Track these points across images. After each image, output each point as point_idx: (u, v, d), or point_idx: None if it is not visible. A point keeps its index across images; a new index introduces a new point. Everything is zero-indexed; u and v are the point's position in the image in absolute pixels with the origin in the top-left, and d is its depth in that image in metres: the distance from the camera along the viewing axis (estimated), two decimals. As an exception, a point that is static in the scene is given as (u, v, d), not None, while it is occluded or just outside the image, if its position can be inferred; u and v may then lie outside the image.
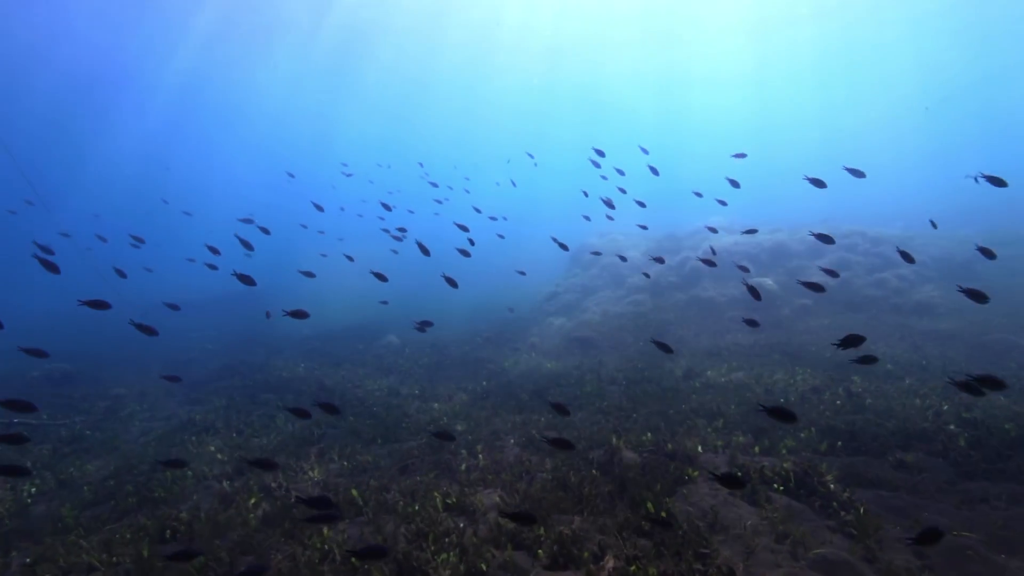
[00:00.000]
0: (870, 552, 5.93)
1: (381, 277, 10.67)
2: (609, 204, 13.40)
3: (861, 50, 59.14)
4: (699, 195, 14.88)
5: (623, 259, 16.00)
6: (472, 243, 11.68)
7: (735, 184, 12.23)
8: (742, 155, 13.06)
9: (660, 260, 11.65)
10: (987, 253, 9.35)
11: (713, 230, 15.06)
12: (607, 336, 20.35)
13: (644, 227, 15.77)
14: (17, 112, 52.20)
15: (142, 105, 57.67)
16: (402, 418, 12.67)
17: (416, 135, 77.34)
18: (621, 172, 16.76)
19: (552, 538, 6.54)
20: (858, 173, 8.87)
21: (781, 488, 7.66)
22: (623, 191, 15.98)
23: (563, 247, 15.44)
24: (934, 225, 15.22)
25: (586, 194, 22.99)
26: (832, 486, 7.52)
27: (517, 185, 32.49)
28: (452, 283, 10.82)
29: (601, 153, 16.02)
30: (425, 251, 10.90)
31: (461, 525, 7.30)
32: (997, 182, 7.98)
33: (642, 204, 13.85)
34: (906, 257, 8.66)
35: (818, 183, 9.12)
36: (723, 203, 14.47)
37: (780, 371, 13.41)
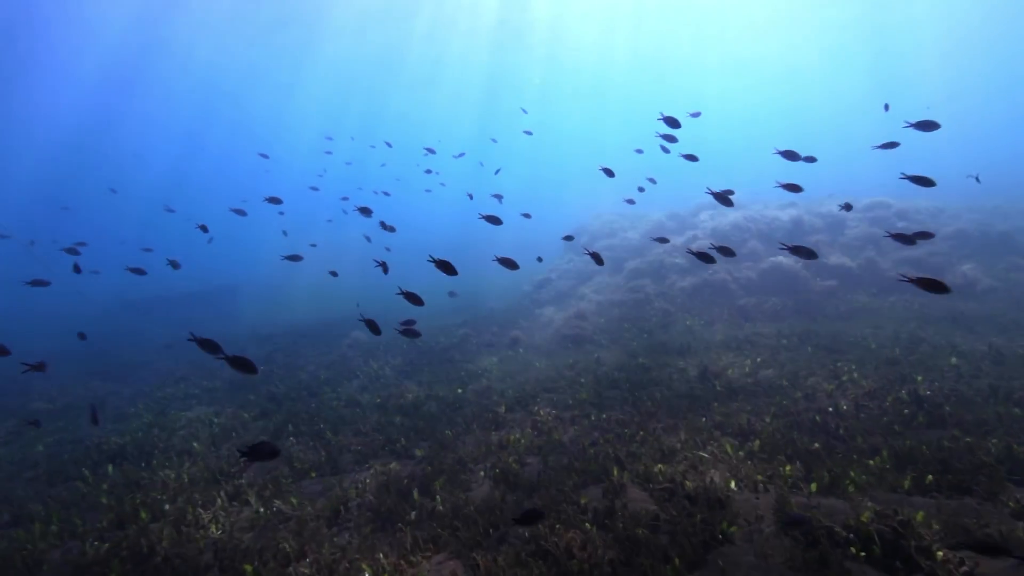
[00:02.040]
0: None
1: (379, 325, 8.03)
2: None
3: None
4: (792, 186, 12.39)
5: (669, 242, 13.47)
6: (478, 260, 9.02)
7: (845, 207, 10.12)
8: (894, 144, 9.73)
9: (730, 252, 8.19)
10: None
11: (715, 198, 11.53)
12: (605, 328, 17.84)
13: (719, 194, 12.52)
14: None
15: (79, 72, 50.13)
16: (354, 438, 10.20)
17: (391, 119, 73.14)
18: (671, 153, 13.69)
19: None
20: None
21: (862, 554, 5.19)
22: (694, 158, 12.44)
23: (593, 256, 12.86)
24: (977, 180, 13.39)
25: (606, 171, 19.92)
26: (940, 553, 5.05)
27: (500, 171, 29.20)
28: (416, 300, 7.87)
29: (674, 123, 11.62)
30: (419, 301, 7.84)
31: (389, 627, 4.87)
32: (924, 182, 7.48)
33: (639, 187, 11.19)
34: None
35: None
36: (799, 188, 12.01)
37: (818, 369, 10.92)
